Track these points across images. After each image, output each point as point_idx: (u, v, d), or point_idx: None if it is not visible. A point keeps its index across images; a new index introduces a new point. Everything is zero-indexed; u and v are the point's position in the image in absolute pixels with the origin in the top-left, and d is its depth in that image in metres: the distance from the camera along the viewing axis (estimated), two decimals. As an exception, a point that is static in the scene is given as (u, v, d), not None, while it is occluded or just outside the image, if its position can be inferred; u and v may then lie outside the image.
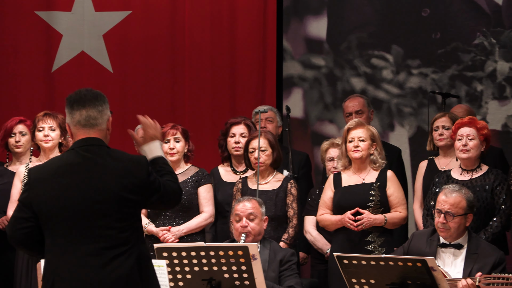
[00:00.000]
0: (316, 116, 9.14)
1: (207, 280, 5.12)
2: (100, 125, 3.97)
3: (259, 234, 5.87)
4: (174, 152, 6.58)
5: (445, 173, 6.27)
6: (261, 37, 8.93)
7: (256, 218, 5.86)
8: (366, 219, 6.04)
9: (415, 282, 5.02)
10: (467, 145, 6.12)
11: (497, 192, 6.08)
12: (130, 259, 3.83)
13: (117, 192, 3.84)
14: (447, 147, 6.68)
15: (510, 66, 8.66)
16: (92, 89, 4.03)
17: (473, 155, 6.14)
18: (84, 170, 3.87)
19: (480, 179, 6.14)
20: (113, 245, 3.82)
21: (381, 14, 8.99)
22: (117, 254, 3.82)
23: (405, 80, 8.93)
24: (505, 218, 6.05)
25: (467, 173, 6.18)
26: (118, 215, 3.84)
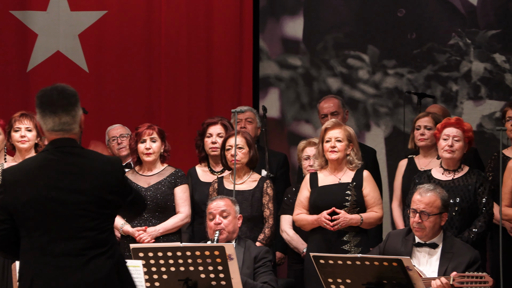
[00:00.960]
0: (292, 116, 9.14)
1: (183, 280, 5.11)
2: (74, 129, 3.96)
3: (233, 231, 5.88)
4: (150, 152, 6.57)
5: (425, 173, 6.29)
6: (237, 37, 8.92)
7: (229, 216, 5.88)
8: (342, 219, 6.06)
9: (391, 282, 5.04)
10: (453, 146, 6.14)
11: (479, 192, 6.11)
12: (110, 260, 3.82)
13: (94, 193, 3.83)
14: (427, 147, 6.71)
15: (485, 66, 8.71)
16: (64, 90, 3.97)
17: (458, 156, 6.17)
18: (60, 171, 3.85)
19: (461, 180, 6.16)
20: (92, 246, 3.81)
21: (357, 14, 9.01)
22: (95, 255, 3.80)
23: (381, 80, 8.96)
24: (488, 219, 6.07)
25: (449, 173, 6.21)
26: (96, 215, 3.82)
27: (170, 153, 6.74)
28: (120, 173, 3.93)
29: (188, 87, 8.90)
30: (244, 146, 6.54)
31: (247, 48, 8.96)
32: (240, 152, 6.51)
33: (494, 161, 6.58)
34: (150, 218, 6.47)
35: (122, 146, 7.37)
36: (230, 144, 6.52)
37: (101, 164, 3.90)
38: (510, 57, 8.64)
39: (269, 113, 8.01)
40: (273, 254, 6.71)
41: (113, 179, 3.89)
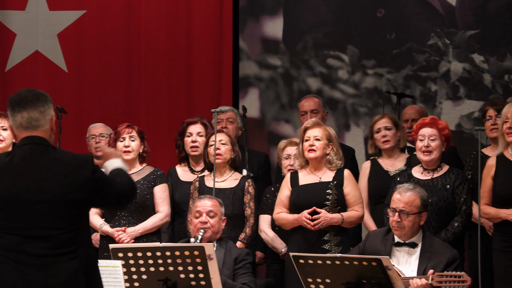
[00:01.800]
0: (272, 116, 9.15)
1: (162, 280, 5.10)
2: (43, 126, 3.92)
3: (217, 232, 5.88)
4: (129, 150, 6.55)
5: (406, 172, 6.31)
6: (217, 37, 8.92)
7: (216, 216, 5.88)
8: (323, 218, 6.06)
9: (370, 281, 5.05)
10: (429, 146, 6.16)
11: (458, 192, 6.13)
12: (76, 260, 3.79)
13: (62, 192, 3.80)
14: (391, 148, 6.73)
15: (463, 66, 8.75)
16: (34, 89, 3.96)
17: (435, 156, 6.19)
18: (29, 170, 3.82)
19: (441, 179, 6.18)
20: (57, 246, 3.77)
21: (336, 14, 9.03)
22: (60, 254, 3.77)
23: (361, 80, 8.98)
24: (465, 218, 6.10)
25: (428, 173, 6.23)
26: (63, 214, 3.79)
27: (150, 153, 6.72)
28: (89, 171, 3.88)
29: (168, 87, 8.89)
30: (228, 143, 6.55)
31: (226, 48, 8.95)
32: (224, 148, 6.51)
33: (473, 160, 6.61)
34: (129, 217, 6.45)
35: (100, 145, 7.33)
36: (213, 140, 6.51)
37: (69, 162, 3.87)
38: (488, 57, 8.68)
39: (249, 113, 8.01)
40: (254, 254, 6.71)
41: (81, 177, 3.85)
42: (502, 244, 5.96)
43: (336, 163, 6.25)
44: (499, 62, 8.65)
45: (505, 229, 5.94)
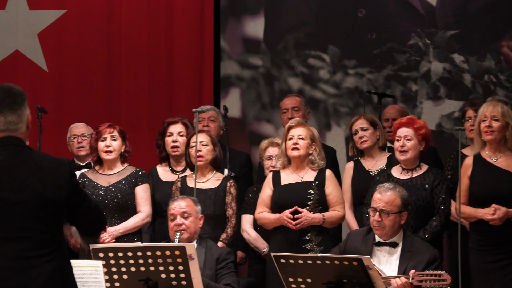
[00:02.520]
0: (253, 115, 9.15)
1: (143, 281, 5.09)
2: (20, 129, 3.88)
3: (194, 232, 5.87)
4: (111, 150, 6.53)
5: (385, 172, 6.33)
6: (198, 36, 8.91)
7: (190, 216, 5.87)
8: (304, 218, 6.07)
9: (351, 281, 5.06)
10: (404, 146, 6.18)
11: (436, 191, 6.15)
12: (53, 262, 3.76)
13: (38, 193, 3.76)
14: (370, 148, 6.75)
15: (444, 66, 8.78)
16: (10, 89, 3.89)
17: (411, 155, 6.21)
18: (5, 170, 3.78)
19: (420, 178, 6.20)
20: (34, 247, 3.73)
21: (317, 14, 9.04)
22: (37, 256, 3.73)
23: (342, 80, 8.99)
24: (444, 218, 6.12)
25: (407, 172, 6.25)
26: (40, 216, 3.75)
27: (131, 153, 6.71)
28: (66, 174, 3.85)
29: (149, 87, 8.87)
30: (209, 143, 6.54)
31: (208, 47, 8.95)
32: (205, 149, 6.51)
33: (452, 160, 6.64)
34: (110, 217, 6.43)
35: (81, 145, 7.31)
36: (195, 141, 6.51)
37: (47, 164, 3.83)
38: (468, 57, 8.71)
39: (230, 113, 8.01)
40: (235, 254, 6.71)
41: (58, 179, 3.81)
42: (478, 243, 5.99)
43: (319, 163, 6.27)
44: (479, 62, 8.69)
45: (480, 228, 5.96)
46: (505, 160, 5.99)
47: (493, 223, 5.87)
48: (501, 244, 5.90)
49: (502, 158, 6.00)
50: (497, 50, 8.65)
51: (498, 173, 5.96)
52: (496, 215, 5.85)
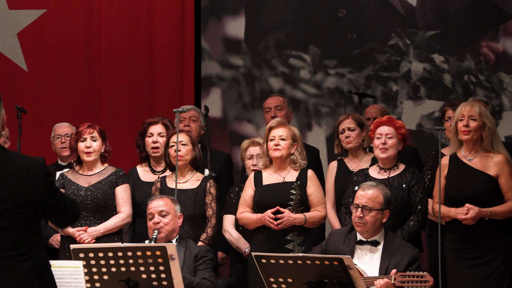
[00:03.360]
0: (234, 115, 9.15)
1: (124, 281, 5.07)
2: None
3: (173, 231, 5.86)
4: (91, 151, 6.51)
5: (363, 172, 6.35)
6: (179, 36, 8.89)
7: (168, 215, 5.86)
8: (286, 218, 6.08)
9: (332, 281, 5.06)
10: (386, 144, 6.20)
11: (413, 191, 6.17)
12: (28, 262, 3.74)
13: (12, 193, 3.75)
14: (355, 148, 6.76)
15: (424, 66, 8.81)
16: None
17: (392, 153, 6.23)
18: None
19: (397, 178, 6.22)
20: (10, 247, 3.72)
21: (298, 14, 9.05)
22: (13, 256, 3.72)
23: (322, 80, 9.01)
24: (421, 217, 6.14)
25: (385, 172, 6.27)
26: (15, 215, 3.74)
27: (111, 153, 6.69)
28: (41, 173, 3.84)
29: (129, 87, 8.85)
30: (188, 143, 6.53)
31: (188, 47, 8.94)
32: (184, 149, 6.50)
33: (432, 159, 6.66)
34: (90, 217, 6.41)
35: (65, 145, 7.28)
36: (174, 141, 6.50)
37: (21, 163, 3.82)
38: (448, 57, 8.75)
39: (211, 113, 8.01)
40: (215, 254, 6.71)
41: (32, 178, 3.80)
42: (452, 243, 6.02)
43: (300, 163, 6.28)
44: (459, 63, 8.73)
45: (455, 227, 6.00)
46: (480, 161, 6.02)
47: (466, 222, 5.90)
48: (474, 244, 5.94)
49: (477, 159, 6.03)
50: (476, 51, 8.69)
51: (472, 174, 5.99)
52: (469, 214, 5.88)
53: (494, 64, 8.68)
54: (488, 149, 6.02)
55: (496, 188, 5.97)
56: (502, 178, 5.96)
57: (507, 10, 8.66)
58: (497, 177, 5.96)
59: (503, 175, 5.96)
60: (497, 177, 5.96)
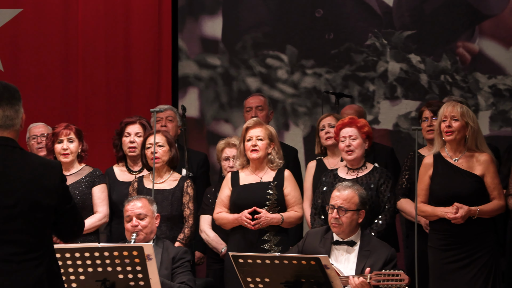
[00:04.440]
0: (212, 115, 9.14)
1: (101, 281, 5.06)
2: (16, 125, 3.83)
3: (151, 232, 5.84)
4: (68, 153, 6.50)
5: (331, 172, 6.36)
6: (156, 36, 8.88)
7: (146, 217, 5.84)
8: (263, 218, 6.08)
9: (309, 280, 5.07)
10: (350, 146, 6.22)
11: (381, 190, 6.20)
12: (41, 267, 3.70)
13: (28, 196, 3.70)
14: (334, 145, 6.78)
15: (401, 66, 8.84)
16: (8, 85, 3.87)
17: (358, 154, 6.24)
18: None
19: (365, 178, 6.24)
20: (23, 251, 3.68)
21: (275, 14, 9.06)
22: (25, 260, 3.68)
23: (300, 80, 9.02)
24: (389, 216, 6.17)
25: (353, 172, 6.28)
26: (29, 219, 3.70)
27: (88, 153, 6.68)
28: (58, 177, 3.79)
29: (106, 87, 8.82)
30: (165, 144, 6.52)
31: (166, 47, 8.92)
32: (161, 150, 6.49)
33: (410, 160, 6.68)
34: (67, 218, 6.38)
35: (41, 146, 7.24)
36: (150, 142, 6.49)
37: (38, 166, 3.77)
38: (425, 57, 8.78)
39: (189, 113, 7.99)
40: (192, 254, 6.70)
41: (48, 182, 3.75)
42: (438, 242, 6.03)
43: (277, 163, 6.28)
44: (435, 63, 8.77)
45: (441, 227, 6.01)
46: (466, 161, 6.04)
47: (456, 221, 5.91)
48: (460, 244, 5.95)
49: (463, 159, 6.05)
50: (453, 51, 8.73)
51: (459, 174, 6.01)
52: (459, 213, 5.89)
53: (470, 64, 8.73)
54: (472, 149, 6.04)
55: (482, 188, 5.99)
56: (488, 177, 5.99)
57: (483, 11, 8.70)
58: (482, 176, 5.99)
59: (488, 173, 5.99)
60: (483, 176, 5.99)
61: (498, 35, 8.66)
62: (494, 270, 5.94)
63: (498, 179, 6.01)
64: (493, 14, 8.70)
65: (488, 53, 8.69)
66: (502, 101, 8.63)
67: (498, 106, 8.64)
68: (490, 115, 8.66)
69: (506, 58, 8.64)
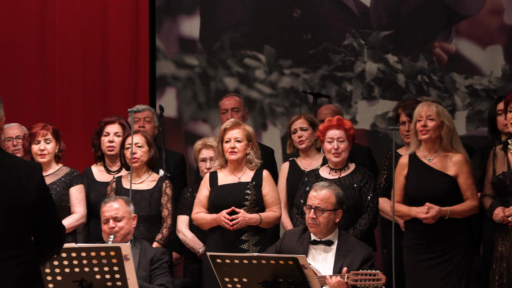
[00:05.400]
0: (189, 115, 9.14)
1: (78, 282, 5.04)
2: None
3: (128, 233, 5.83)
4: (45, 154, 6.48)
5: (313, 172, 6.37)
6: (133, 36, 8.85)
7: (123, 218, 5.82)
8: (241, 218, 6.09)
9: (286, 280, 5.08)
10: (338, 148, 6.22)
11: (364, 190, 6.22)
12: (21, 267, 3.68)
13: (8, 194, 3.69)
14: (307, 148, 6.79)
15: (378, 66, 8.87)
16: None
17: (345, 157, 6.27)
18: None
19: (348, 178, 6.26)
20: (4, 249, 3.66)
21: (253, 14, 9.06)
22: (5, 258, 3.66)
23: (277, 80, 9.03)
24: (372, 216, 6.19)
25: (336, 172, 6.30)
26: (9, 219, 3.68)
27: (65, 153, 6.65)
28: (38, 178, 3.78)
29: (84, 86, 8.78)
30: (144, 144, 6.51)
31: (143, 47, 8.90)
32: (140, 151, 6.48)
33: (388, 159, 6.70)
34: (44, 219, 6.36)
35: (17, 148, 7.18)
36: (129, 143, 6.48)
37: (18, 166, 3.77)
38: (402, 57, 8.82)
39: (166, 113, 7.98)
40: (170, 255, 6.69)
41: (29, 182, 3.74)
42: (412, 242, 6.06)
43: (256, 162, 6.29)
44: (412, 63, 8.80)
45: (415, 227, 6.04)
46: (440, 161, 6.07)
47: (427, 221, 5.94)
48: (433, 243, 5.98)
49: (437, 159, 6.08)
50: (429, 51, 8.78)
51: (432, 174, 6.04)
52: (430, 213, 5.92)
53: (447, 65, 8.77)
54: (447, 149, 6.07)
55: (455, 188, 6.02)
56: (461, 178, 6.02)
57: (459, 11, 8.75)
58: (456, 176, 6.02)
59: (462, 174, 6.02)
60: (456, 177, 6.02)
61: (475, 35, 8.71)
62: (468, 269, 5.97)
63: (472, 179, 6.04)
64: (470, 14, 8.74)
65: (464, 53, 8.74)
66: (478, 101, 8.68)
67: (475, 106, 8.69)
68: (467, 115, 8.71)
69: (482, 58, 8.69)
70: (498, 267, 5.91)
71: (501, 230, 5.91)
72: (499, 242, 5.92)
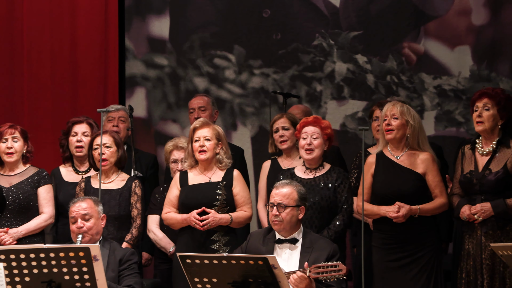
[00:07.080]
0: (159, 115, 9.12)
1: (46, 282, 5.02)
2: None
3: (97, 233, 5.79)
4: (12, 152, 6.45)
5: (288, 171, 6.38)
6: (102, 36, 8.82)
7: (92, 218, 5.78)
8: (212, 219, 6.08)
9: (256, 280, 5.08)
10: (311, 144, 6.24)
11: (339, 190, 6.23)
12: None
13: None
14: (289, 147, 6.80)
15: (347, 67, 8.90)
16: None
17: (317, 154, 6.28)
18: None
19: (323, 177, 6.27)
20: None
21: (223, 14, 9.06)
22: None
23: (247, 80, 9.04)
24: (347, 216, 6.21)
25: (311, 172, 6.31)
26: None
27: (33, 153, 6.62)
28: None
29: (52, 86, 8.74)
30: (112, 145, 6.49)
31: (112, 47, 8.87)
32: (108, 151, 6.46)
33: (359, 158, 6.74)
34: (12, 218, 6.33)
35: None
36: (97, 143, 6.45)
37: None
38: (371, 58, 8.86)
39: (136, 113, 7.96)
40: (140, 255, 6.67)
41: None
42: (380, 241, 6.09)
43: (226, 162, 6.29)
44: (382, 63, 8.85)
45: (383, 226, 6.07)
46: (408, 159, 6.11)
47: (397, 220, 5.97)
48: (403, 243, 6.02)
49: (405, 157, 6.12)
50: (398, 51, 8.82)
51: (401, 172, 6.08)
52: (400, 212, 5.95)
53: (416, 65, 8.82)
54: (414, 147, 6.11)
55: (423, 186, 6.07)
56: (430, 175, 6.06)
57: (427, 12, 8.80)
58: (424, 174, 6.06)
59: (430, 172, 6.06)
60: (424, 175, 6.06)
61: (443, 36, 8.77)
62: (436, 269, 6.01)
63: (440, 177, 6.09)
64: (438, 15, 8.80)
65: (433, 53, 8.80)
66: (447, 101, 8.73)
67: (443, 106, 8.75)
68: (435, 115, 8.76)
69: (450, 59, 8.75)
70: (465, 265, 5.96)
71: (468, 228, 5.97)
72: (466, 239, 5.98)
